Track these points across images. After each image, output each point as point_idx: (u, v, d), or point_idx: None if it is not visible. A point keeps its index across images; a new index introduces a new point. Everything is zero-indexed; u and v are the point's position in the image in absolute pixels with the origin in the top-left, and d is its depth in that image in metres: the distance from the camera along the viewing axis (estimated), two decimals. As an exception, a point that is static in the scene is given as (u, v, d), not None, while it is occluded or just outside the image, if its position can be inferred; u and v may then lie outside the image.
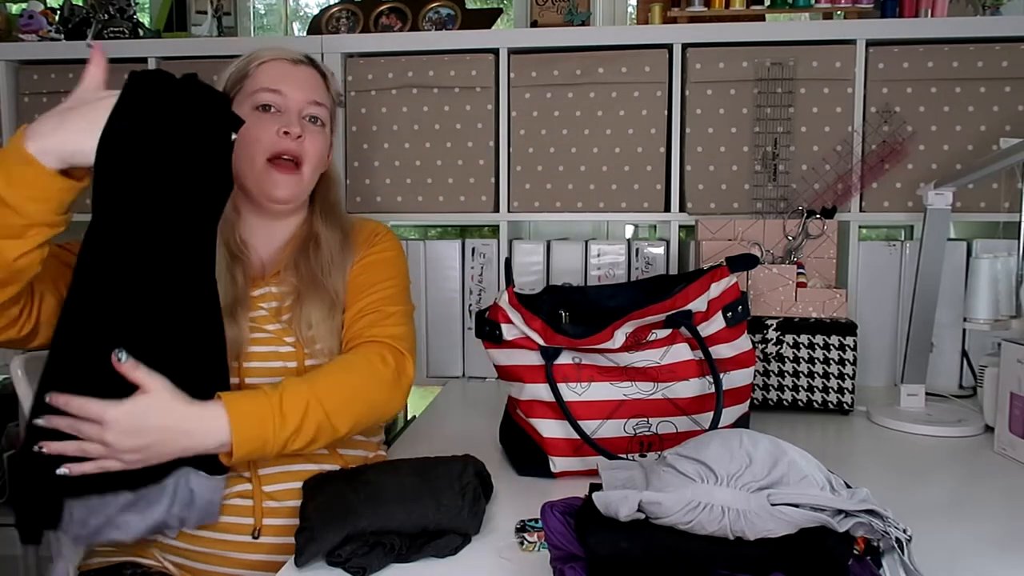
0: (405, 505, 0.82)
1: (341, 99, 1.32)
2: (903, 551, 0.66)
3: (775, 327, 1.41)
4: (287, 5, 2.31)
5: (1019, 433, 1.13)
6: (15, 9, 1.92)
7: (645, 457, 1.03)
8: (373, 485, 0.86)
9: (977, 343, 1.55)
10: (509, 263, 1.16)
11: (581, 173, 1.63)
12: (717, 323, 1.10)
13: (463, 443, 1.19)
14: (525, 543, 0.84)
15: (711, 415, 1.04)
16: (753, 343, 1.23)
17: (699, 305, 1.09)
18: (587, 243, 1.68)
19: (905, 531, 0.66)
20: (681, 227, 1.64)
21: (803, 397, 1.41)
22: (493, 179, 1.66)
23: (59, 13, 1.79)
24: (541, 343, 1.07)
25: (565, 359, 1.07)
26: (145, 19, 1.97)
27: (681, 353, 1.07)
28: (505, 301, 1.10)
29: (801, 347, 1.40)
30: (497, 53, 1.64)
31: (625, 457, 1.03)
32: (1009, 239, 1.43)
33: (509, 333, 1.08)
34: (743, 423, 1.13)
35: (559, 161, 1.63)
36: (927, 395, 1.39)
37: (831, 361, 1.39)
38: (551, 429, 1.05)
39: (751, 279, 1.45)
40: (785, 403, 1.42)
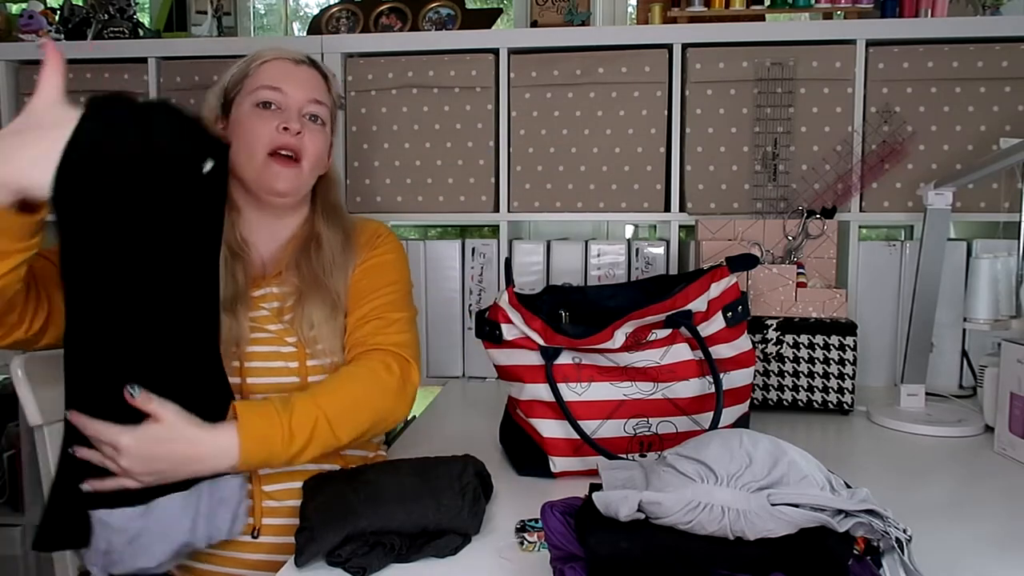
0: (405, 505, 0.82)
1: (342, 101, 1.32)
2: (903, 551, 0.66)
3: (775, 327, 1.41)
4: (287, 5, 2.31)
5: (1019, 433, 1.13)
6: (15, 9, 1.92)
7: (645, 457, 1.03)
8: (373, 485, 0.86)
9: (977, 343, 1.55)
10: (509, 263, 1.16)
11: (581, 173, 1.63)
12: (717, 323, 1.10)
13: (463, 443, 1.19)
14: (525, 543, 0.84)
15: (711, 415, 1.04)
16: (753, 343, 1.23)
17: (699, 305, 1.09)
18: (587, 243, 1.68)
19: (905, 531, 0.66)
20: (681, 227, 1.64)
21: (803, 397, 1.41)
22: (493, 179, 1.66)
23: (59, 13, 1.79)
24: (541, 343, 1.07)
25: (565, 359, 1.07)
26: (145, 19, 1.97)
27: (681, 353, 1.07)
28: (505, 301, 1.10)
29: (801, 347, 1.40)
30: (497, 53, 1.64)
31: (625, 457, 1.03)
32: (1009, 239, 1.43)
33: (509, 333, 1.08)
34: (743, 423, 1.13)
35: (559, 161, 1.63)
36: (927, 395, 1.39)
37: (831, 361, 1.39)
38: (551, 429, 1.05)
39: (751, 279, 1.45)
40: (785, 403, 1.42)
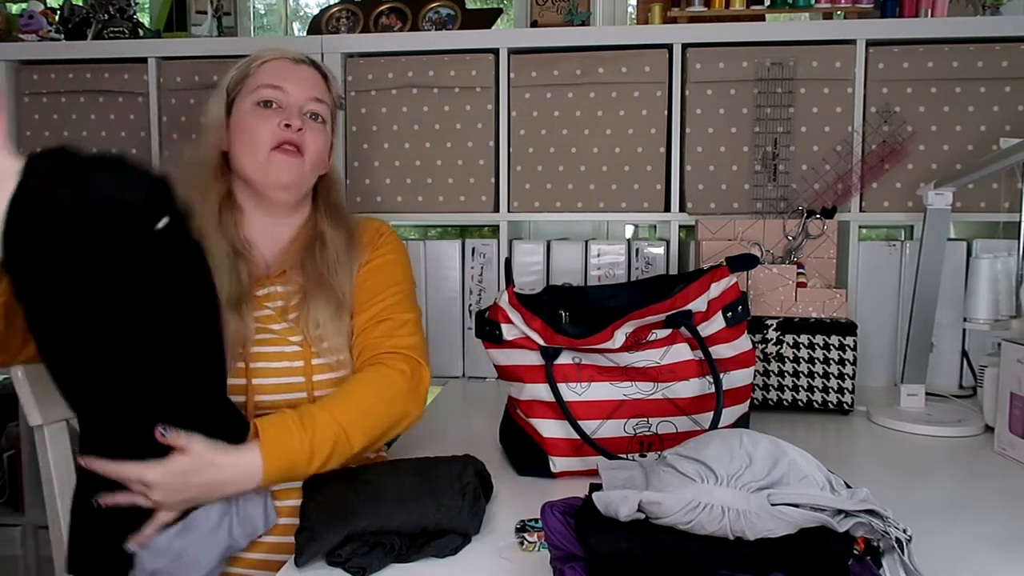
0: (405, 505, 0.82)
1: (342, 101, 1.32)
2: (903, 551, 0.66)
3: (775, 327, 1.41)
4: (287, 5, 2.31)
5: (1019, 433, 1.13)
6: (15, 9, 1.92)
7: (645, 457, 1.03)
8: (373, 485, 0.87)
9: (977, 343, 1.55)
10: (509, 263, 1.16)
11: (581, 173, 1.63)
12: (717, 323, 1.10)
13: (463, 443, 1.19)
14: (525, 543, 0.84)
15: (711, 415, 1.04)
16: (753, 343, 1.23)
17: (699, 305, 1.09)
18: (587, 243, 1.68)
19: (905, 531, 0.66)
20: (681, 227, 1.64)
21: (803, 397, 1.41)
22: (493, 179, 1.66)
23: (59, 13, 1.79)
24: (541, 343, 1.07)
25: (565, 359, 1.07)
26: (145, 19, 1.97)
27: (681, 353, 1.07)
28: (505, 301, 1.10)
29: (801, 347, 1.40)
30: (497, 53, 1.63)
31: (625, 457, 1.03)
32: (1009, 239, 1.43)
33: (509, 333, 1.09)
34: (743, 423, 1.13)
35: (559, 161, 1.63)
36: (927, 395, 1.39)
37: (831, 361, 1.39)
38: (551, 429, 1.05)
39: (751, 279, 1.45)
40: (785, 403, 1.42)
